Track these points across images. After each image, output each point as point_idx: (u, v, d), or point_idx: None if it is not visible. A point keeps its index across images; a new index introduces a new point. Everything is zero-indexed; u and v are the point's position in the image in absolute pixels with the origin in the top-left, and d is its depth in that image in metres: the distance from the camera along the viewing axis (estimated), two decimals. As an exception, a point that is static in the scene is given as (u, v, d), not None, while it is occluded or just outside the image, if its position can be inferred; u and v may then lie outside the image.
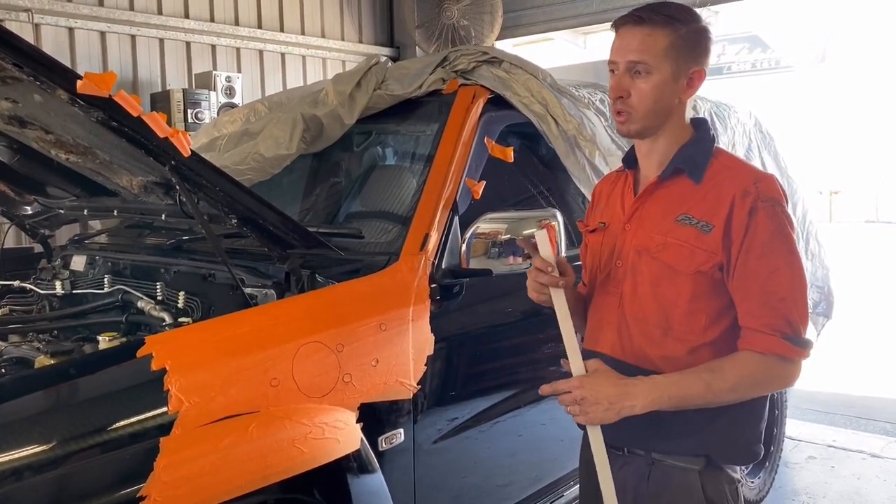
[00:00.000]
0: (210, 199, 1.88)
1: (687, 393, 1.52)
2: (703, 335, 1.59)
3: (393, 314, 2.05)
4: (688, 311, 1.59)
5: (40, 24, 4.98)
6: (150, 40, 5.48)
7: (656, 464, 1.66)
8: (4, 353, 2.09)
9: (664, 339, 1.61)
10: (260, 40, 6.06)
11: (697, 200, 1.59)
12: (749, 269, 1.53)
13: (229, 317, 1.82)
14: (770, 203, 1.54)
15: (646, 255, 1.63)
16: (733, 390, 1.53)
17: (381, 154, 2.78)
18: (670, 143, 1.64)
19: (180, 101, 5.14)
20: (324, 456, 1.78)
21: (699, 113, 3.60)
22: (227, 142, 2.77)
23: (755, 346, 1.53)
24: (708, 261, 1.55)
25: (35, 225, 2.95)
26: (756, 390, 1.58)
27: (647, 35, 1.57)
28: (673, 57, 1.56)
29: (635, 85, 1.58)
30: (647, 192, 1.67)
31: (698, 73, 1.60)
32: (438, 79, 2.65)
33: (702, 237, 1.56)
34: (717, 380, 1.52)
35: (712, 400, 1.54)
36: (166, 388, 1.59)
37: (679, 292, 1.59)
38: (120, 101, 1.59)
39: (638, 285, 1.65)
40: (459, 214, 2.36)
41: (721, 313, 1.59)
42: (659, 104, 1.58)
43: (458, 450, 2.27)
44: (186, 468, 1.55)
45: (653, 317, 1.62)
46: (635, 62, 1.57)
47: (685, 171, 1.62)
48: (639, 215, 1.67)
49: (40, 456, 1.42)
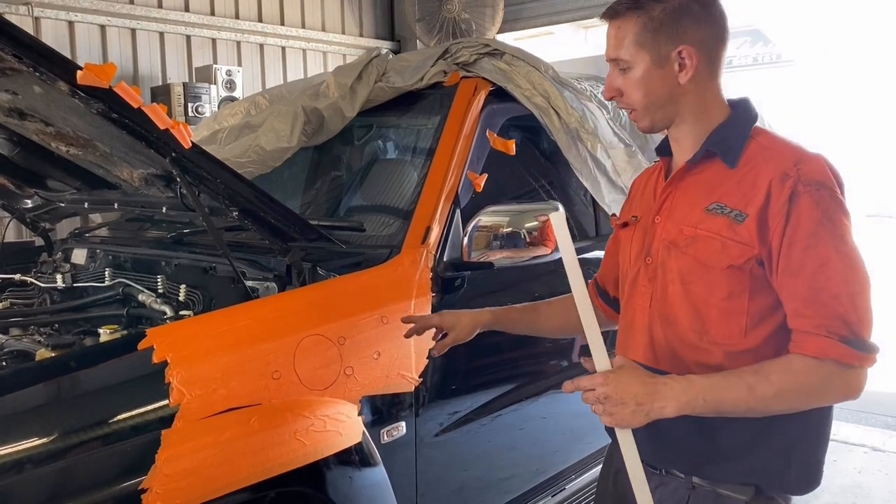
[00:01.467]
0: (211, 192, 1.87)
1: (726, 397, 1.33)
2: (744, 339, 1.41)
3: (395, 307, 2.05)
4: (724, 311, 1.41)
5: (40, 18, 4.97)
6: (150, 34, 5.46)
7: (697, 489, 1.47)
8: (5, 347, 2.08)
9: (699, 344, 1.44)
10: (260, 34, 6.05)
11: (731, 187, 1.42)
12: (794, 264, 1.34)
13: (231, 309, 1.82)
14: (815, 186, 1.35)
15: (675, 249, 1.46)
16: (779, 398, 1.33)
17: (383, 147, 2.77)
18: (697, 126, 1.47)
19: (181, 95, 5.13)
20: (326, 449, 1.78)
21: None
22: (227, 135, 2.77)
23: (807, 350, 1.33)
24: (742, 254, 1.38)
25: (36, 218, 2.94)
26: (808, 401, 1.37)
27: (617, 28, 1.46)
28: (648, 43, 1.42)
29: (622, 82, 1.47)
30: (677, 179, 1.51)
31: (687, 51, 1.41)
32: (440, 71, 2.64)
33: (734, 227, 1.39)
34: (761, 383, 1.32)
35: (755, 407, 1.34)
36: (168, 380, 1.58)
37: (712, 290, 1.42)
38: (120, 93, 1.58)
39: (668, 283, 1.48)
40: (461, 207, 2.36)
41: (765, 315, 1.40)
42: (652, 95, 1.44)
43: (460, 443, 2.27)
44: (188, 461, 1.55)
45: (685, 319, 1.45)
46: (615, 59, 1.47)
47: (717, 154, 1.45)
48: (668, 206, 1.51)
49: (41, 449, 1.41)
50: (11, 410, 1.45)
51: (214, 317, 1.80)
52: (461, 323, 1.86)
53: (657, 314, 1.50)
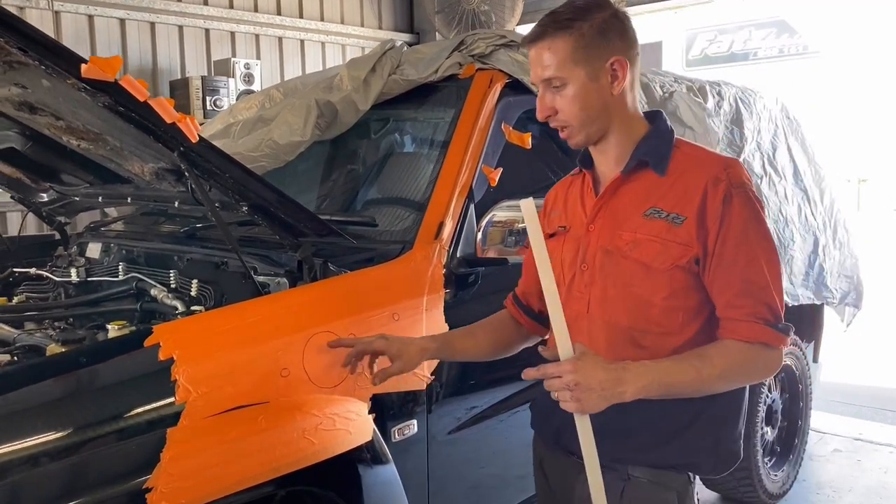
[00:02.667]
0: (220, 186, 1.85)
1: (677, 379, 1.44)
2: (681, 333, 1.53)
3: (406, 303, 2.02)
4: (665, 309, 1.52)
5: (60, 12, 4.99)
6: (169, 27, 5.48)
7: (632, 480, 1.57)
8: (17, 341, 2.08)
9: (642, 342, 1.54)
10: (279, 27, 6.04)
11: (664, 192, 1.52)
12: (726, 259, 1.47)
13: (239, 306, 1.80)
14: (742, 188, 1.48)
15: (615, 254, 1.55)
16: (722, 378, 1.47)
17: (397, 141, 2.74)
18: (623, 137, 1.56)
19: (199, 89, 5.14)
20: (335, 447, 1.75)
21: (723, 99, 3.51)
22: (241, 128, 2.75)
23: (739, 335, 1.47)
24: (684, 254, 1.48)
25: (51, 212, 2.94)
26: (743, 379, 1.53)
27: (548, 48, 1.50)
28: (582, 59, 1.49)
29: (556, 100, 1.52)
30: (611, 189, 1.58)
31: (619, 62, 1.50)
32: (455, 63, 2.60)
33: (673, 230, 1.49)
34: (706, 366, 1.45)
35: (700, 388, 1.47)
36: (174, 378, 1.56)
37: (654, 291, 1.51)
38: (126, 86, 1.56)
39: (608, 287, 1.56)
40: (475, 202, 2.32)
41: (698, 309, 1.52)
42: (589, 109, 1.52)
43: (474, 441, 2.23)
44: (194, 460, 1.53)
45: (626, 319, 1.54)
46: (548, 79, 1.51)
47: (649, 163, 1.54)
48: (603, 214, 1.59)
49: (45, 446, 1.40)
50: (15, 408, 1.44)
51: (222, 313, 1.78)
52: (409, 352, 1.74)
53: (597, 318, 1.58)
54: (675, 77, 3.45)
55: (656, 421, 1.55)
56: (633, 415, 1.50)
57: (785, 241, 3.63)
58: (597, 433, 1.51)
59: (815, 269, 3.83)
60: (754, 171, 3.56)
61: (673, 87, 3.26)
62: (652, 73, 3.31)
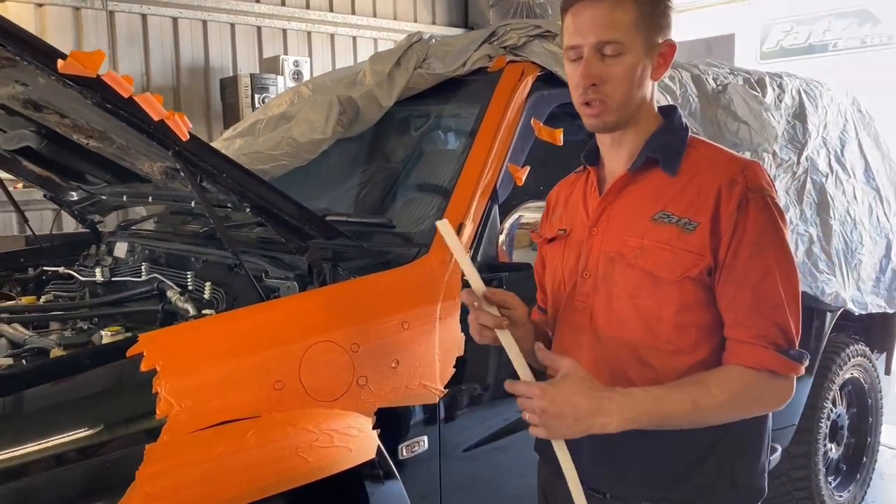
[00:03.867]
0: (218, 187, 1.76)
1: (671, 410, 1.29)
2: (694, 353, 1.36)
3: (417, 311, 1.89)
4: (676, 325, 1.36)
5: (114, 12, 5.06)
6: (221, 25, 5.50)
7: None
8: (27, 343, 2.04)
9: (650, 360, 1.38)
10: (331, 24, 6.00)
11: (675, 194, 1.36)
12: (738, 272, 1.31)
13: (232, 313, 1.71)
14: (760, 193, 1.33)
15: (620, 262, 1.39)
16: (721, 409, 1.31)
17: (421, 138, 2.61)
18: (639, 131, 1.41)
19: (248, 86, 5.14)
20: (332, 466, 1.64)
21: (784, 92, 3.27)
22: (265, 126, 2.67)
23: (745, 361, 1.31)
24: (696, 264, 1.32)
25: (83, 211, 2.93)
26: (745, 410, 1.35)
27: (612, 8, 1.32)
28: (645, 29, 1.34)
29: (608, 69, 1.33)
30: (616, 189, 1.43)
31: (669, 45, 1.38)
32: (484, 56, 2.45)
33: (685, 237, 1.33)
34: (703, 396, 1.29)
35: (697, 420, 1.31)
36: (155, 390, 1.48)
37: (662, 304, 1.36)
38: (109, 82, 1.48)
39: (613, 298, 1.40)
40: (500, 203, 2.17)
41: (713, 327, 1.36)
42: (635, 89, 1.35)
43: (492, 459, 2.09)
44: (173, 478, 1.44)
45: (633, 334, 1.39)
46: (605, 42, 1.32)
47: (659, 161, 1.39)
48: (607, 216, 1.43)
49: (13, 461, 1.33)
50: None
51: (213, 321, 1.70)
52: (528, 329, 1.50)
53: (600, 331, 1.43)
54: (732, 69, 3.22)
55: (667, 454, 1.40)
56: (642, 447, 1.38)
57: (853, 244, 3.36)
58: (604, 464, 1.42)
59: (888, 274, 3.55)
60: (819, 168, 3.31)
61: (727, 80, 3.04)
62: (705, 65, 3.09)
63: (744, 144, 2.94)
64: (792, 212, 3.11)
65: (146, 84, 5.18)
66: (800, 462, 3.31)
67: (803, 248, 3.10)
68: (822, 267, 3.13)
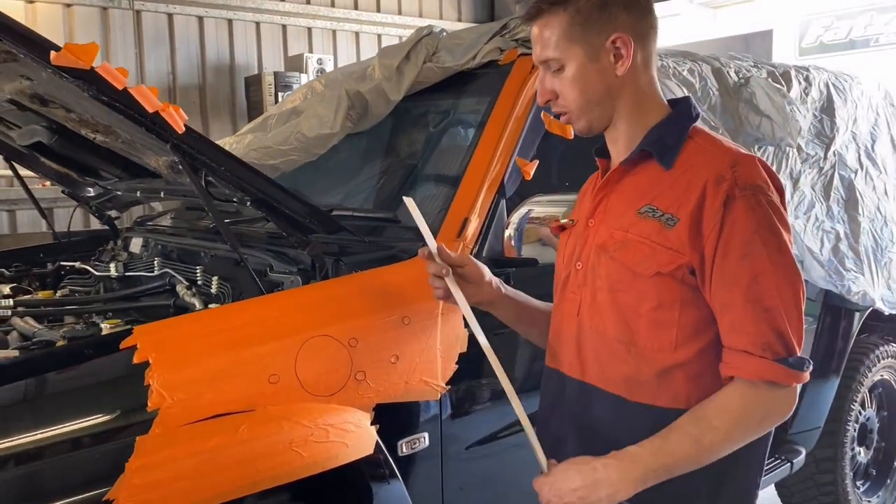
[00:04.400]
0: (217, 180, 1.75)
1: (674, 460, 1.25)
2: (674, 354, 1.32)
3: (418, 307, 1.86)
4: (653, 322, 1.33)
5: (141, 11, 5.12)
6: (246, 24, 5.54)
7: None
8: (37, 336, 2.06)
9: (627, 357, 1.36)
10: (356, 21, 6.01)
11: (665, 189, 1.33)
12: (728, 275, 1.26)
13: (227, 307, 1.71)
14: (751, 191, 1.27)
15: (604, 254, 1.39)
16: (729, 440, 1.26)
17: (430, 133, 2.58)
18: (633, 124, 1.39)
19: (271, 84, 5.16)
20: (327, 461, 1.62)
21: (811, 85, 3.18)
22: (276, 121, 2.67)
23: (741, 372, 1.26)
24: (671, 261, 1.29)
25: (100, 206, 2.96)
26: (753, 432, 1.30)
27: (543, 27, 1.35)
28: (578, 37, 1.33)
29: (556, 83, 1.38)
30: (612, 182, 1.42)
31: (622, 38, 1.33)
32: (495, 48, 2.41)
33: (664, 232, 1.30)
34: (706, 432, 1.25)
35: (708, 458, 1.27)
36: (147, 382, 1.47)
37: (640, 300, 1.33)
38: (103, 74, 1.48)
39: (597, 291, 1.40)
40: (507, 197, 2.14)
41: (698, 328, 1.32)
42: (589, 93, 1.35)
43: (496, 458, 2.05)
44: (163, 471, 1.43)
45: (613, 329, 1.37)
46: (545, 61, 1.37)
47: (653, 153, 1.36)
48: (602, 208, 1.43)
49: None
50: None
51: (208, 315, 1.69)
52: (483, 283, 1.60)
53: (586, 323, 1.42)
54: (756, 62, 3.14)
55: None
56: None
57: (883, 241, 3.26)
58: None
59: (921, 273, 3.43)
60: (847, 164, 3.21)
61: (750, 73, 2.96)
62: (727, 58, 3.02)
63: (766, 139, 2.86)
64: (818, 208, 3.02)
65: (172, 83, 5.24)
66: (826, 466, 3.22)
67: (829, 246, 3.01)
68: (848, 265, 3.04)
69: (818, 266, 2.91)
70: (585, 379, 1.43)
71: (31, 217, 4.76)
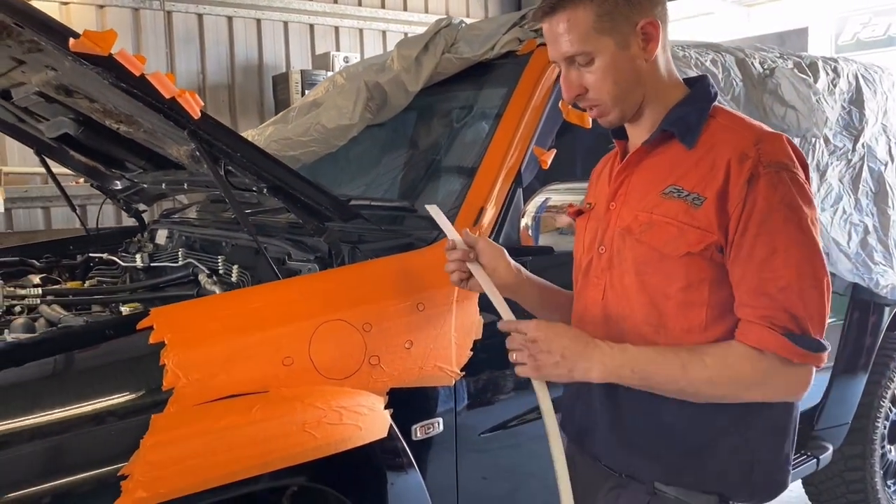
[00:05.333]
0: (234, 166, 1.78)
1: (657, 370, 1.28)
2: (704, 334, 1.31)
3: (433, 293, 1.87)
4: (682, 303, 1.32)
5: (172, 12, 5.21)
6: (274, 23, 5.61)
7: (658, 495, 1.39)
8: (62, 322, 2.11)
9: (656, 339, 1.34)
10: (382, 20, 6.05)
11: (689, 168, 1.32)
12: (744, 251, 1.25)
13: (243, 291, 1.73)
14: (774, 168, 1.25)
15: (629, 237, 1.37)
16: (712, 383, 1.27)
17: (448, 123, 2.59)
18: (656, 105, 1.38)
19: (298, 83, 5.22)
20: (340, 443, 1.64)
21: (839, 76, 3.13)
22: (297, 113, 2.70)
23: (748, 339, 1.25)
24: (700, 240, 1.28)
25: (128, 199, 3.02)
26: (744, 393, 1.29)
27: (566, 21, 1.31)
28: (609, 27, 1.31)
29: (584, 78, 1.35)
30: (633, 163, 1.41)
31: (650, 24, 1.32)
32: (514, 39, 2.41)
33: (692, 212, 1.28)
34: (696, 364, 1.26)
35: (686, 388, 1.28)
36: (162, 362, 1.50)
37: (669, 281, 1.32)
38: (121, 60, 1.51)
39: (624, 274, 1.38)
40: (524, 186, 2.14)
41: (727, 307, 1.30)
42: (622, 83, 1.34)
43: (511, 444, 2.05)
44: (177, 448, 1.45)
45: (641, 312, 1.36)
46: (570, 56, 1.34)
47: (675, 133, 1.35)
48: (624, 190, 1.41)
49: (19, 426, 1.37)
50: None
51: (224, 298, 1.72)
52: (500, 265, 1.61)
53: (612, 307, 1.41)
54: (782, 53, 3.10)
55: (678, 434, 1.36)
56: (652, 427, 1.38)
57: (914, 235, 3.19)
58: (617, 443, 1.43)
59: (954, 268, 3.35)
60: (877, 156, 3.16)
61: (775, 63, 2.93)
62: (751, 49, 2.99)
63: (791, 130, 2.82)
64: (846, 200, 2.97)
65: (202, 82, 5.32)
66: (854, 463, 3.16)
67: (857, 239, 2.96)
68: (877, 258, 2.98)
69: (845, 259, 2.86)
70: None
71: (64, 214, 4.87)
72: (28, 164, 4.84)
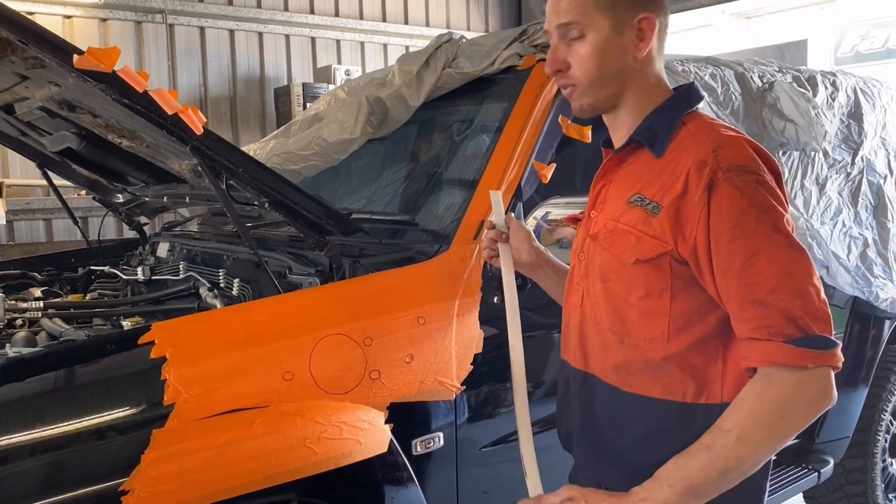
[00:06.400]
0: (236, 181, 1.79)
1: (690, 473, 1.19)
2: (667, 345, 1.28)
3: (434, 307, 1.88)
4: (644, 311, 1.30)
5: (174, 25, 5.24)
6: (276, 37, 5.64)
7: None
8: (63, 336, 2.11)
9: (620, 348, 1.34)
10: (383, 34, 6.08)
11: (653, 177, 1.30)
12: (723, 260, 1.20)
13: (243, 305, 1.74)
14: (736, 172, 1.20)
15: (595, 244, 1.38)
16: (746, 442, 1.16)
17: (449, 137, 2.61)
18: (635, 112, 1.35)
19: (300, 95, 5.24)
20: (341, 458, 1.64)
21: (838, 90, 3.14)
22: (299, 127, 2.71)
23: (754, 360, 1.18)
24: (653, 249, 1.26)
25: (129, 213, 3.03)
26: (777, 430, 1.17)
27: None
28: (607, 7, 1.29)
29: (571, 52, 1.32)
30: (609, 171, 1.41)
31: (647, 20, 1.30)
32: (514, 54, 2.43)
33: (650, 221, 1.27)
34: (717, 437, 1.18)
35: (725, 465, 1.17)
36: (164, 377, 1.51)
37: (630, 289, 1.31)
38: (124, 77, 1.52)
39: (595, 281, 1.38)
40: (524, 200, 2.15)
41: (690, 319, 1.27)
42: (605, 69, 1.31)
43: (510, 458, 2.04)
44: (178, 463, 1.46)
45: (607, 319, 1.35)
46: (565, 25, 1.31)
47: (643, 142, 1.33)
48: (602, 199, 1.41)
49: (19, 442, 1.37)
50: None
51: (225, 313, 1.72)
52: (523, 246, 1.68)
53: (587, 313, 1.41)
54: (781, 66, 3.12)
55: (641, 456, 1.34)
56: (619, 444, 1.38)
57: (912, 248, 3.20)
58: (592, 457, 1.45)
59: (954, 281, 3.36)
60: (876, 169, 3.17)
61: (774, 77, 2.94)
62: (750, 63, 3.00)
63: (790, 143, 2.83)
64: (845, 213, 2.98)
65: (204, 95, 5.34)
66: (855, 477, 3.15)
67: (857, 252, 2.96)
68: (877, 271, 2.99)
69: (844, 272, 2.87)
70: (587, 369, 1.42)
71: (66, 226, 4.88)
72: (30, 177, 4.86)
